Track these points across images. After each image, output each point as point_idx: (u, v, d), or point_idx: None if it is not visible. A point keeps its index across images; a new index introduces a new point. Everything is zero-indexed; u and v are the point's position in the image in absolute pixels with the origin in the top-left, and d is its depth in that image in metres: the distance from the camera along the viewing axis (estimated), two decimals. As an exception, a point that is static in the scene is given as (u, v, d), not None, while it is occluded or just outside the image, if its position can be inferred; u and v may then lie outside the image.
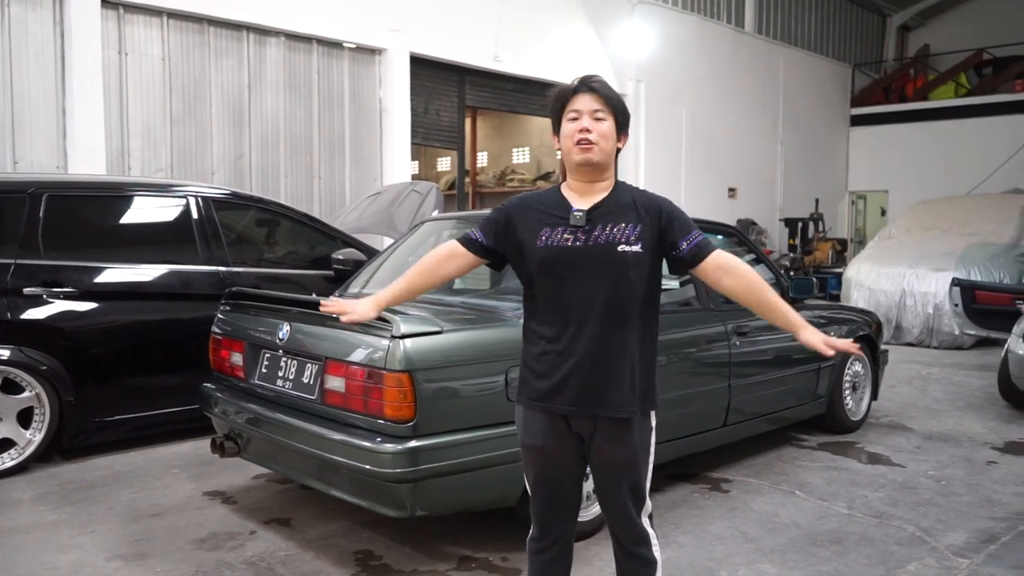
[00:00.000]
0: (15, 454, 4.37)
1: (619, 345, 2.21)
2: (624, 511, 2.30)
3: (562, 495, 2.34)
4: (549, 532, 2.36)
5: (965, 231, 10.47)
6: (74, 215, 4.74)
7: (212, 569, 3.22)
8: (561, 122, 2.27)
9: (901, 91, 17.88)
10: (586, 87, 2.24)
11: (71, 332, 4.53)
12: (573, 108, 2.23)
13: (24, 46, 6.62)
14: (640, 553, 2.33)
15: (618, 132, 2.27)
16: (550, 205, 2.28)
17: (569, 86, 2.27)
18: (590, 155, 2.21)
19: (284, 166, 8.35)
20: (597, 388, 2.21)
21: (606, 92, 2.24)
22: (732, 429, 4.44)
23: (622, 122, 2.27)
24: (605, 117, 2.23)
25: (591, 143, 2.20)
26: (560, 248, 2.20)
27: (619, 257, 2.18)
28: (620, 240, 2.19)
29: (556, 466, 2.30)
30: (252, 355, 3.68)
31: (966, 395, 6.89)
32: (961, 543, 3.61)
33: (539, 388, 2.25)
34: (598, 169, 2.25)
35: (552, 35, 10.83)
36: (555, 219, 2.24)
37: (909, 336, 9.79)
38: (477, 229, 2.36)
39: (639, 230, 2.21)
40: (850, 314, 5.67)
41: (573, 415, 2.24)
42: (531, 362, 2.29)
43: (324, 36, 8.48)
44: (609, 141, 2.24)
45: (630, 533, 2.32)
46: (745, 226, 14.04)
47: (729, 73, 14.00)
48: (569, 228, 2.21)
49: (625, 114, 2.29)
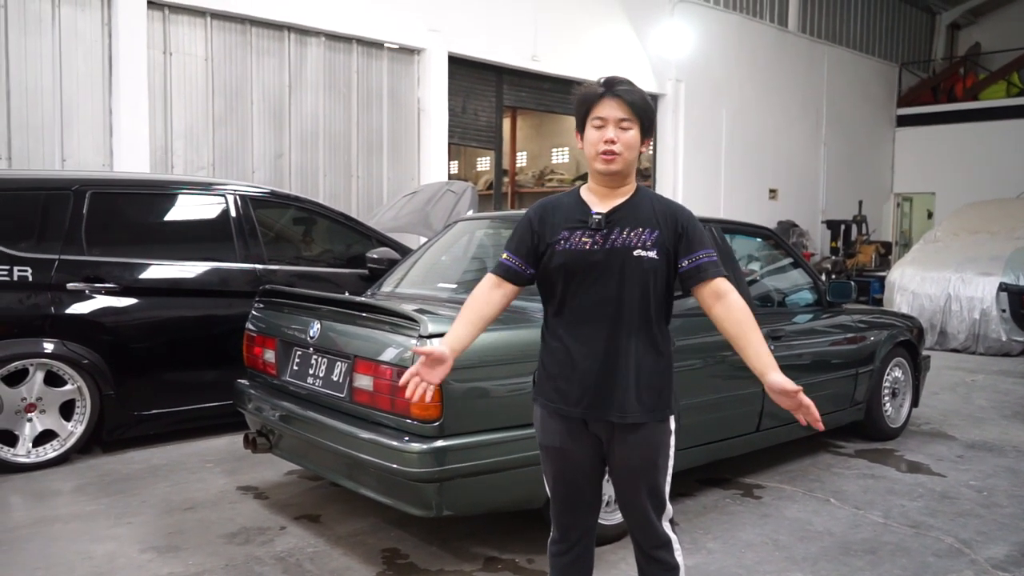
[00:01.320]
0: (57, 445, 4.48)
1: (634, 349, 2.20)
2: (643, 515, 2.29)
3: (580, 496, 2.33)
4: (568, 534, 2.36)
5: (1014, 235, 10.19)
6: (116, 212, 4.84)
7: (242, 563, 3.27)
8: (585, 125, 2.25)
9: (950, 91, 17.46)
10: (613, 93, 2.20)
11: (112, 327, 4.63)
12: (598, 115, 2.21)
13: (73, 46, 6.78)
14: (661, 557, 2.32)
15: (643, 137, 2.24)
16: (570, 208, 2.28)
17: (594, 90, 2.23)
18: (613, 166, 2.21)
19: (323, 165, 8.44)
20: (611, 392, 2.20)
21: (632, 98, 2.20)
22: (765, 434, 4.37)
23: (647, 127, 2.25)
24: (631, 126, 2.20)
25: (615, 154, 2.19)
26: (579, 251, 2.20)
27: (636, 261, 2.18)
28: (637, 244, 2.19)
29: (574, 467, 2.30)
30: (284, 352, 3.72)
31: (1012, 403, 6.70)
32: (1002, 556, 3.51)
33: (555, 390, 2.26)
34: (620, 177, 2.25)
35: (591, 35, 10.79)
36: (575, 223, 2.24)
37: (954, 342, 9.56)
38: (513, 255, 2.28)
39: (656, 236, 2.21)
40: (891, 319, 5.55)
41: (590, 418, 2.23)
42: (548, 363, 2.30)
43: (364, 36, 8.55)
44: (633, 150, 2.22)
45: (650, 537, 2.31)
46: (786, 228, 13.83)
47: (771, 73, 13.81)
48: (587, 231, 2.21)
49: (651, 119, 2.26)
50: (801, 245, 13.90)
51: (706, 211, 11.92)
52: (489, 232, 4.67)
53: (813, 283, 4.97)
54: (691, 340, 3.88)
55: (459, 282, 4.31)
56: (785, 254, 5.07)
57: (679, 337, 3.86)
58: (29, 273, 4.40)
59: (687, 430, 3.91)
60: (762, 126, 13.63)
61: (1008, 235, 10.24)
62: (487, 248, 4.52)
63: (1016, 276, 9.15)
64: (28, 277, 4.40)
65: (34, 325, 4.40)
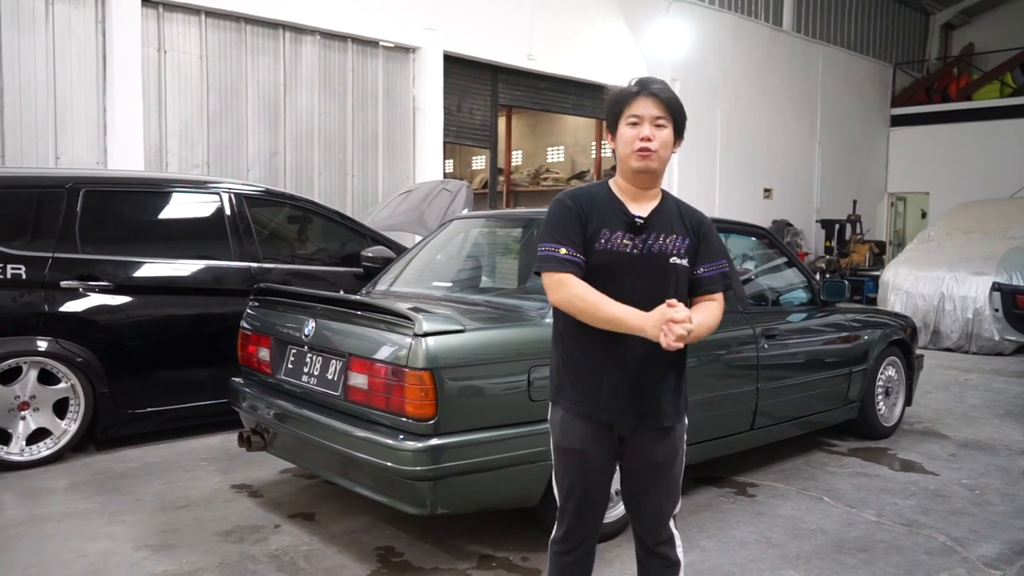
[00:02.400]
0: (51, 443, 4.47)
1: (665, 355, 2.19)
2: (657, 511, 2.31)
3: (595, 498, 2.34)
4: (575, 535, 2.35)
5: (1007, 234, 10.23)
6: (110, 210, 4.83)
7: (236, 561, 3.26)
8: (618, 125, 2.23)
9: (944, 91, 17.52)
10: (648, 91, 2.20)
11: (106, 325, 4.62)
12: (634, 113, 2.19)
13: (67, 44, 6.76)
14: (664, 552, 2.34)
15: (675, 138, 2.25)
16: (606, 205, 2.24)
17: (629, 88, 2.22)
18: (649, 163, 2.20)
19: (318, 163, 8.43)
20: (645, 396, 2.21)
21: (667, 97, 2.21)
22: (759, 433, 4.38)
23: (680, 128, 2.25)
24: (666, 124, 2.20)
25: (651, 151, 2.19)
26: (618, 253, 2.19)
27: (671, 269, 2.20)
28: (672, 252, 2.21)
29: (592, 470, 2.29)
30: (279, 351, 3.72)
31: (1005, 402, 6.73)
32: (994, 554, 3.53)
33: (583, 393, 2.23)
34: (654, 176, 2.25)
35: (586, 33, 10.78)
36: (614, 222, 2.22)
37: (947, 341, 9.59)
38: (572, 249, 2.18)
39: (687, 244, 2.24)
40: (884, 318, 5.57)
41: (618, 422, 2.23)
42: (572, 367, 2.26)
43: (359, 34, 8.54)
44: (667, 149, 2.22)
45: (657, 533, 2.33)
46: (780, 227, 13.86)
47: (766, 72, 13.83)
48: (628, 234, 2.20)
49: (683, 119, 2.26)
50: (795, 244, 13.94)
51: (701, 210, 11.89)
52: (484, 231, 4.68)
53: (807, 282, 4.98)
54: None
55: (454, 281, 4.32)
56: (779, 253, 5.08)
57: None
58: (23, 271, 4.39)
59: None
60: (757, 125, 13.65)
61: (1001, 235, 10.28)
62: (482, 247, 4.53)
63: (1009, 276, 9.19)
64: (22, 275, 4.38)
65: (28, 323, 4.38)
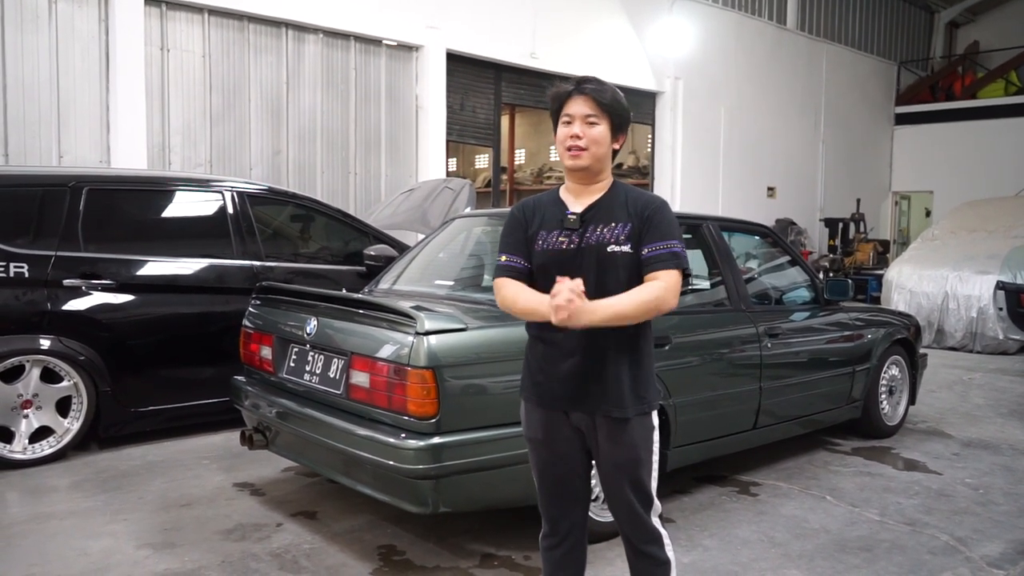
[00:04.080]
0: (53, 442, 4.47)
1: (612, 344, 2.23)
2: (630, 510, 2.31)
3: (566, 489, 2.36)
4: (558, 527, 2.39)
5: (1012, 233, 10.20)
6: (113, 208, 4.83)
7: (238, 560, 3.26)
8: (557, 124, 2.30)
9: (948, 89, 17.47)
10: (579, 90, 2.25)
11: (108, 323, 4.62)
12: (567, 112, 2.26)
13: (70, 42, 6.77)
14: (650, 552, 2.33)
15: (614, 134, 2.27)
16: (548, 208, 2.32)
17: (564, 89, 2.28)
18: (579, 161, 2.25)
19: (321, 162, 8.43)
20: (592, 387, 2.23)
21: (599, 96, 2.23)
22: (762, 432, 4.37)
23: (617, 124, 2.28)
24: (598, 121, 2.24)
25: (581, 149, 2.23)
26: (556, 251, 2.25)
27: (609, 257, 2.21)
28: (610, 240, 2.22)
29: (558, 459, 2.33)
30: (281, 349, 3.72)
31: (1009, 401, 6.71)
32: (997, 554, 3.51)
33: (537, 384, 2.31)
34: (590, 173, 2.28)
35: (589, 32, 10.77)
36: (551, 222, 2.28)
37: (951, 340, 9.56)
38: (512, 256, 2.29)
39: (628, 229, 2.23)
40: (888, 317, 5.55)
41: (571, 410, 2.28)
42: (531, 359, 2.34)
43: (362, 33, 8.55)
44: (601, 146, 2.25)
45: (639, 532, 2.33)
46: (784, 226, 13.84)
47: (770, 71, 13.81)
48: (564, 231, 2.25)
49: (621, 115, 2.28)
50: (799, 243, 13.91)
51: (704, 209, 11.97)
52: (487, 229, 4.66)
53: (811, 281, 4.97)
54: (688, 337, 3.89)
55: (456, 279, 4.31)
56: (783, 252, 5.06)
57: (676, 335, 3.89)
58: (25, 269, 4.40)
59: (684, 427, 3.93)
60: (760, 124, 13.63)
61: (1006, 233, 10.24)
62: (484, 245, 4.51)
63: (1014, 274, 9.16)
64: (25, 273, 4.39)
65: (30, 321, 4.39)
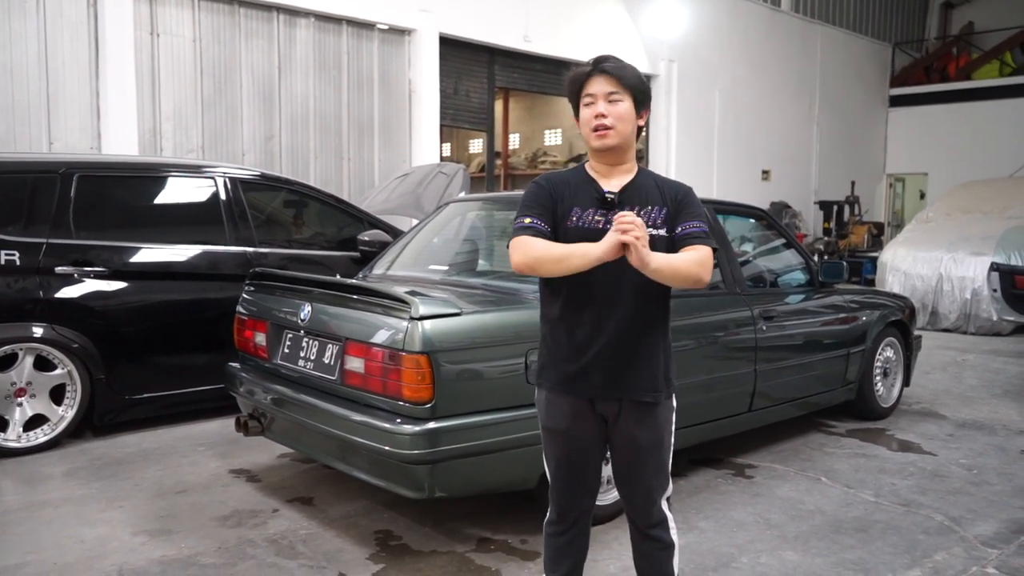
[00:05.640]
0: (48, 430, 4.46)
1: (646, 329, 2.21)
2: (646, 493, 2.30)
3: (583, 478, 2.34)
4: (567, 515, 2.36)
5: (1006, 214, 10.21)
6: (104, 195, 4.80)
7: (234, 546, 3.26)
8: (579, 106, 2.24)
9: (943, 71, 17.41)
10: (599, 70, 2.20)
11: (102, 311, 4.60)
12: (588, 92, 2.21)
13: (59, 27, 6.70)
14: (657, 535, 2.33)
15: (638, 110, 2.23)
16: (579, 185, 2.24)
17: (583, 69, 2.23)
18: (607, 140, 2.19)
19: (314, 147, 8.38)
20: (625, 372, 2.20)
21: (620, 72, 2.20)
22: (757, 414, 4.38)
23: (640, 99, 2.23)
24: (621, 98, 2.19)
25: (607, 128, 2.18)
26: (591, 230, 2.17)
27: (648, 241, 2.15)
28: (649, 223, 2.17)
29: (579, 449, 2.29)
30: (275, 335, 3.70)
31: (1003, 382, 6.74)
32: (991, 533, 3.53)
33: (564, 372, 2.23)
34: (618, 151, 2.23)
35: (583, 15, 10.71)
36: (585, 200, 2.21)
37: (946, 322, 9.59)
38: (537, 219, 2.17)
39: (664, 213, 2.21)
40: (882, 299, 5.56)
41: (600, 398, 2.23)
42: (554, 346, 2.27)
43: (354, 17, 8.47)
44: (627, 123, 2.20)
45: (648, 515, 2.32)
46: (779, 209, 13.82)
47: (764, 53, 13.74)
48: (600, 210, 2.19)
49: (643, 91, 2.24)
50: (794, 226, 13.90)
51: (699, 192, 11.83)
52: (481, 214, 4.65)
53: (805, 264, 4.97)
54: (684, 321, 3.88)
55: (451, 264, 4.30)
56: (778, 235, 5.06)
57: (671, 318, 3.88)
58: (17, 257, 4.37)
59: (680, 410, 3.91)
60: (755, 106, 13.59)
61: (1000, 215, 10.25)
62: (479, 230, 4.50)
63: (1008, 256, 9.18)
64: (16, 261, 4.36)
65: (23, 309, 4.37)
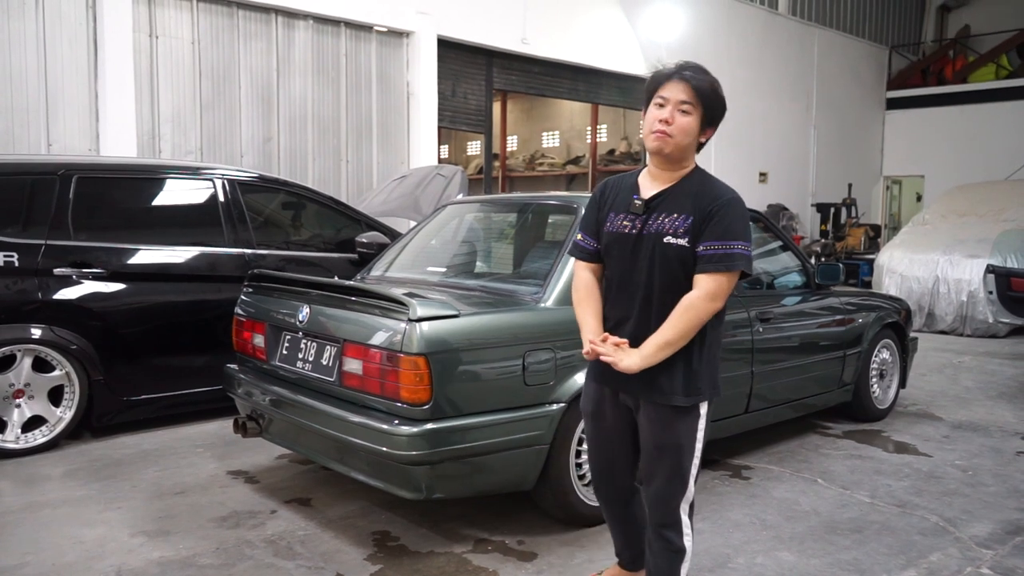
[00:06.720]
0: (46, 431, 4.47)
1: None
2: (660, 493, 2.35)
3: (612, 458, 2.48)
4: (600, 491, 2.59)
5: (1002, 217, 10.25)
6: (103, 197, 4.81)
7: (233, 547, 3.27)
8: (649, 104, 2.27)
9: (939, 73, 17.47)
10: (679, 75, 2.22)
11: (100, 312, 4.60)
12: (661, 95, 2.23)
13: (58, 29, 6.71)
14: (667, 536, 2.37)
15: (704, 126, 2.25)
16: (624, 190, 2.34)
17: (665, 71, 2.26)
18: (661, 145, 2.22)
19: (312, 149, 8.40)
20: (641, 373, 2.23)
21: (697, 83, 2.21)
22: (754, 416, 4.40)
23: (710, 117, 2.25)
24: (691, 111, 2.21)
25: (666, 135, 2.20)
26: (619, 234, 2.28)
27: (665, 248, 2.21)
28: (668, 231, 2.21)
29: (608, 432, 2.45)
30: (273, 337, 3.72)
31: (998, 384, 6.76)
32: (986, 534, 3.55)
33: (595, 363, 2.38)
34: (670, 160, 2.27)
35: (581, 17, 10.72)
36: (620, 205, 2.31)
37: (942, 324, 9.62)
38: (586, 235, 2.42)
39: (688, 223, 2.21)
40: (879, 301, 5.58)
41: (621, 391, 2.36)
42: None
43: (352, 19, 8.49)
44: (687, 136, 2.22)
45: (661, 515, 2.37)
46: (776, 211, 13.86)
47: (761, 56, 13.78)
48: (628, 215, 2.27)
49: (716, 108, 2.25)
50: (791, 228, 13.95)
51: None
52: (479, 216, 4.67)
53: (802, 266, 4.98)
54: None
55: (448, 266, 4.31)
56: (774, 237, 5.07)
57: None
58: (15, 258, 4.37)
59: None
60: (752, 109, 13.61)
61: (996, 217, 10.29)
62: (477, 232, 4.52)
63: (1004, 258, 9.21)
64: (14, 263, 4.37)
65: (21, 311, 4.37)
